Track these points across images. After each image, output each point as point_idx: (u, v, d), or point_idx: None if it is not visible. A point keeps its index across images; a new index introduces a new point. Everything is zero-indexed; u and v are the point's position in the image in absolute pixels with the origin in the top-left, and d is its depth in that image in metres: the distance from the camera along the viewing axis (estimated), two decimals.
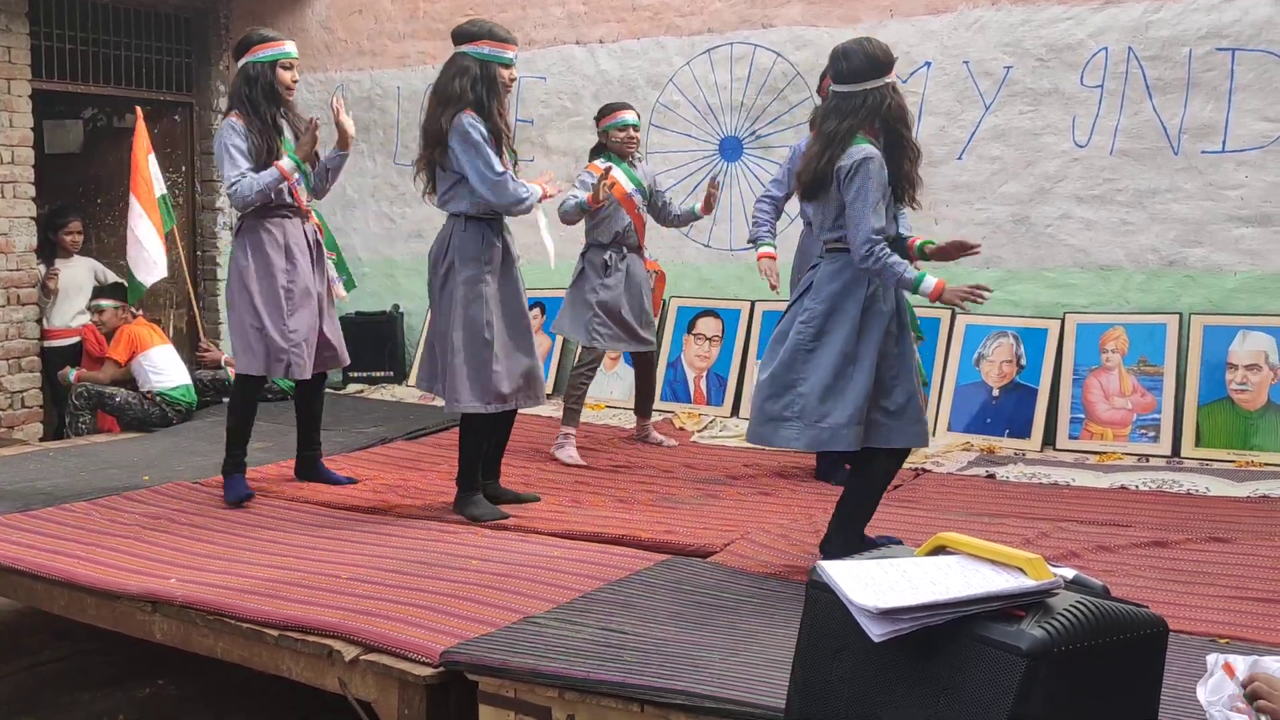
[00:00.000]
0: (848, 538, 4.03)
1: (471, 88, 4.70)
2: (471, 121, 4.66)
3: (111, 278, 7.74)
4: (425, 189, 4.97)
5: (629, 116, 5.99)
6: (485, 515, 4.82)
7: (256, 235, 5.15)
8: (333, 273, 5.58)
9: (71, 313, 7.73)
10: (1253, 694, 2.16)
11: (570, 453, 5.92)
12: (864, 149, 3.88)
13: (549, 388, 7.60)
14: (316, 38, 8.75)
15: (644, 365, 6.26)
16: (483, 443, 4.95)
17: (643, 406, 6.36)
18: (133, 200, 7.37)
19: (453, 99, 4.70)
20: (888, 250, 3.84)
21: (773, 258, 5.62)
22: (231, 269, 5.25)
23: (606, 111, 6.09)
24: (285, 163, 5.05)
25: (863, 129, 3.92)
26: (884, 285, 3.95)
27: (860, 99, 3.91)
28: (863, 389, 3.89)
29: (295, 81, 5.22)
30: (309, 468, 5.54)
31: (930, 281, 3.85)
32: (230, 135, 5.05)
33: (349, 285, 7.03)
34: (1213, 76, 5.92)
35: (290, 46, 5.23)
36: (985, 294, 3.88)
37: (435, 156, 4.78)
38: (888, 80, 3.92)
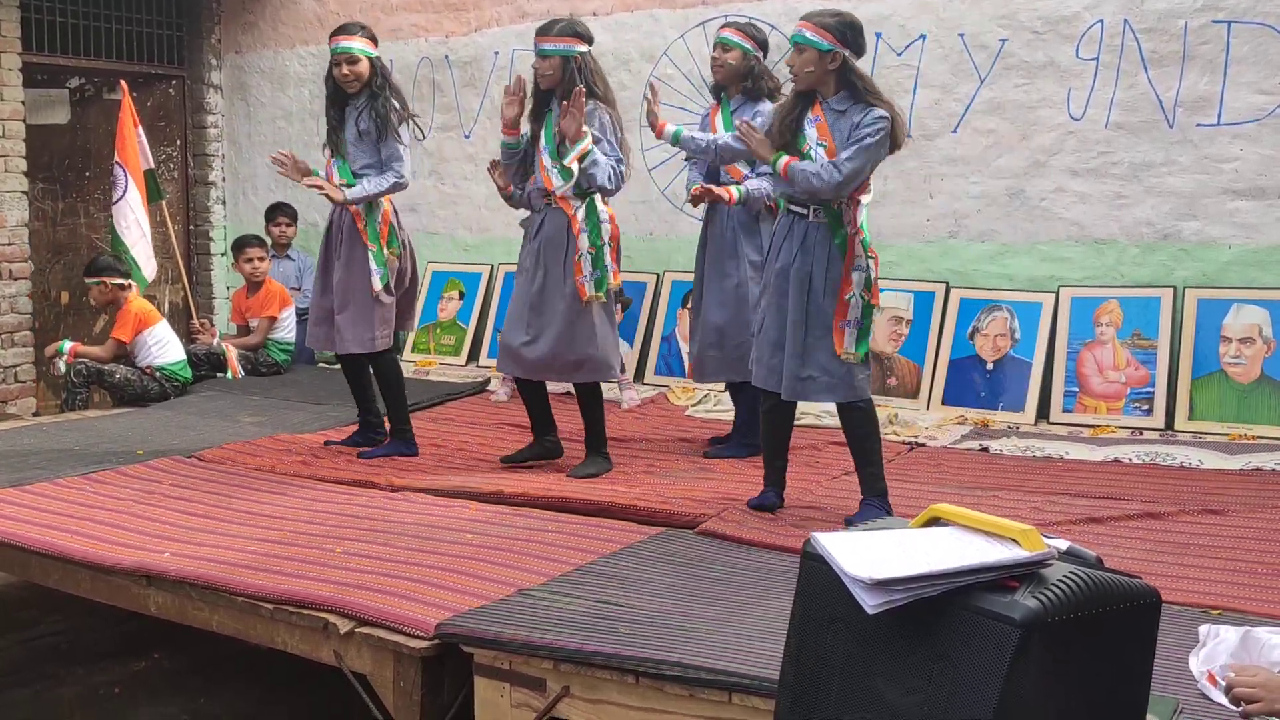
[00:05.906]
0: None
1: None
2: None
3: None
4: None
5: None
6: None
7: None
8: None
9: None
10: (1235, 699, 2.15)
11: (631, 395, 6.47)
12: None
13: None
14: (309, 10, 8.70)
15: None
16: None
17: None
18: (131, 186, 7.33)
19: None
20: None
21: None
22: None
23: None
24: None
25: None
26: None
27: None
28: None
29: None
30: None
31: None
32: None
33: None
34: (1208, 49, 5.89)
35: None
36: None
37: None
38: None
